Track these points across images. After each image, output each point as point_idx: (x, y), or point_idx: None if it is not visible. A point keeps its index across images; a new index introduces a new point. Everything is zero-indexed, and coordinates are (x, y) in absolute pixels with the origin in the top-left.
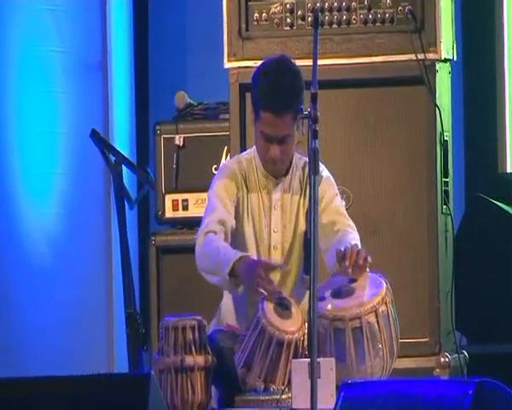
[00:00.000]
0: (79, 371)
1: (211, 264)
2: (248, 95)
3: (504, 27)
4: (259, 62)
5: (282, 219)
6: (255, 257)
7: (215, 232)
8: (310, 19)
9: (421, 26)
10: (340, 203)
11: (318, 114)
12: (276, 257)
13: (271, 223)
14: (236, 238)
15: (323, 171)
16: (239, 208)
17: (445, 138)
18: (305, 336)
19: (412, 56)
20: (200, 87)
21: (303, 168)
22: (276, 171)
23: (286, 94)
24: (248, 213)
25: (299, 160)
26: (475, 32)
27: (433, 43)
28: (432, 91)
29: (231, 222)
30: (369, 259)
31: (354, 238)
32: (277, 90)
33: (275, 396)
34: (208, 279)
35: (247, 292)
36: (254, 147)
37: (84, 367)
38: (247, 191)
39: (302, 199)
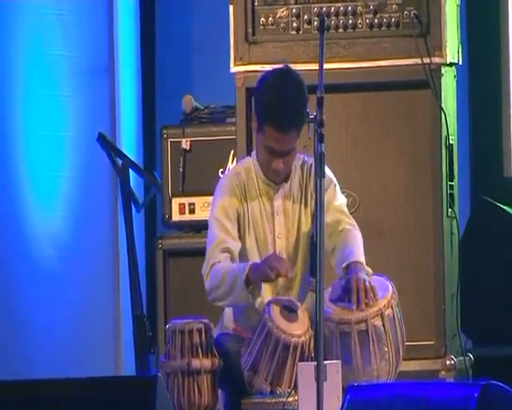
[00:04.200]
0: (86, 374)
1: (225, 288)
2: None
3: (509, 31)
4: (266, 67)
5: (285, 224)
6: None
7: (220, 262)
8: (316, 23)
9: (426, 31)
10: (341, 200)
11: (324, 117)
12: None
13: (275, 229)
14: (239, 252)
15: None
16: (240, 221)
17: (451, 142)
18: (312, 339)
19: (418, 60)
20: (206, 91)
21: (301, 167)
22: (278, 180)
23: (290, 112)
24: (250, 225)
25: (298, 160)
26: (481, 36)
27: (439, 48)
28: (437, 95)
29: (236, 246)
30: (370, 271)
31: (357, 237)
32: (281, 108)
33: (281, 399)
34: (224, 304)
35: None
36: (253, 154)
37: (92, 370)
38: (248, 202)
39: (303, 203)
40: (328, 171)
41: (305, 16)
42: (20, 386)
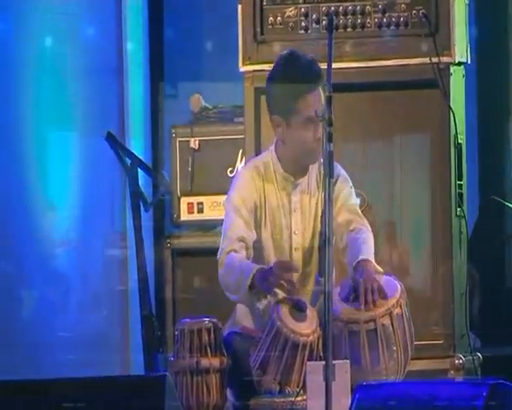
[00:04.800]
0: (95, 373)
1: (233, 282)
2: (263, 97)
3: None
4: None
5: (301, 221)
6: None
7: (236, 251)
8: (324, 22)
9: (435, 30)
10: (354, 201)
11: (333, 116)
12: (297, 259)
13: (292, 225)
14: (254, 244)
15: (337, 167)
16: (256, 214)
17: (459, 141)
18: (320, 339)
19: (426, 60)
20: (215, 90)
21: (318, 168)
22: (316, 155)
23: (312, 69)
24: (266, 218)
25: None
26: (489, 35)
27: (447, 47)
28: (446, 94)
29: (251, 236)
30: (380, 269)
31: (368, 237)
32: (305, 69)
33: (290, 398)
34: (231, 298)
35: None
36: (272, 149)
37: (100, 369)
38: (265, 197)
39: (320, 200)
40: (342, 171)
41: (314, 15)
42: (29, 385)
